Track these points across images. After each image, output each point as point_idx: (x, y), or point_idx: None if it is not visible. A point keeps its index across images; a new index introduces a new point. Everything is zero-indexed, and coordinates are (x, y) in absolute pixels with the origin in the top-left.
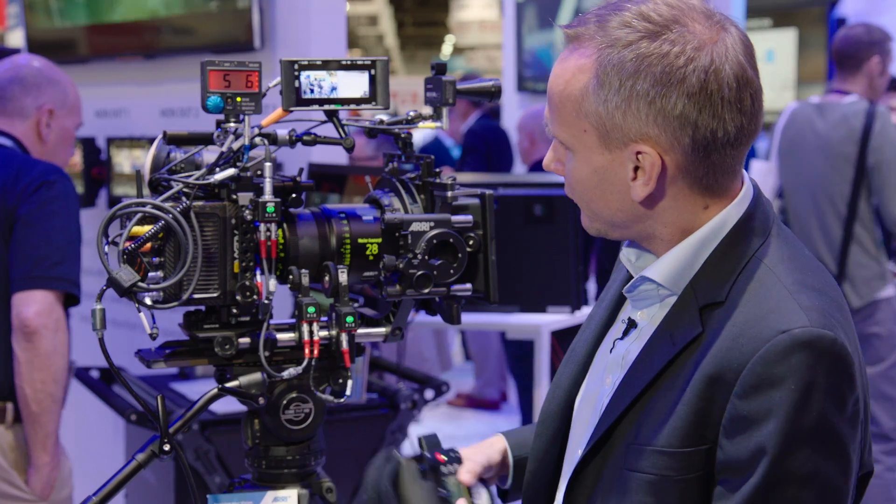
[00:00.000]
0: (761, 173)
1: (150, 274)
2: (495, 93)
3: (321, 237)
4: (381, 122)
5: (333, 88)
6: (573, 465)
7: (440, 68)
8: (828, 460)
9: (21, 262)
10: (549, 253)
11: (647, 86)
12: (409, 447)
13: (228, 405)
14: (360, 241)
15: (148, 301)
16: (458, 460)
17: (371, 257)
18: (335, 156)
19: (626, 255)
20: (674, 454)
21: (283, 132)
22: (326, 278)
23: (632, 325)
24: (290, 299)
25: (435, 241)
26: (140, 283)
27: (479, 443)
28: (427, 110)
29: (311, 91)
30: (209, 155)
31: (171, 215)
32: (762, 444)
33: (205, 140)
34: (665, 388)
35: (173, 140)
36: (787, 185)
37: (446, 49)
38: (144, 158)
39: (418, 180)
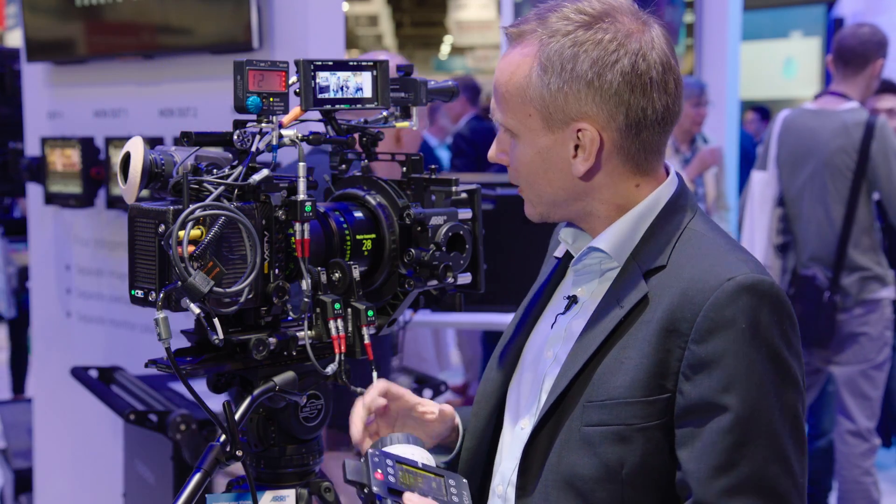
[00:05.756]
0: (761, 184)
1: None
2: (456, 93)
3: (326, 235)
4: (366, 121)
5: (359, 89)
6: (523, 435)
7: (408, 69)
8: (786, 389)
9: None
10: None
11: (586, 67)
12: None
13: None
14: (357, 237)
15: (195, 309)
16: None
17: (366, 252)
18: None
19: (564, 237)
20: (635, 403)
21: (291, 132)
22: (338, 275)
23: (573, 301)
24: None
25: (450, 234)
26: (216, 288)
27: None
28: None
29: (330, 91)
30: (207, 155)
31: (236, 216)
32: (724, 383)
33: (225, 141)
34: (618, 348)
35: (200, 141)
36: (789, 193)
37: (444, 49)
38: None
39: (403, 177)
